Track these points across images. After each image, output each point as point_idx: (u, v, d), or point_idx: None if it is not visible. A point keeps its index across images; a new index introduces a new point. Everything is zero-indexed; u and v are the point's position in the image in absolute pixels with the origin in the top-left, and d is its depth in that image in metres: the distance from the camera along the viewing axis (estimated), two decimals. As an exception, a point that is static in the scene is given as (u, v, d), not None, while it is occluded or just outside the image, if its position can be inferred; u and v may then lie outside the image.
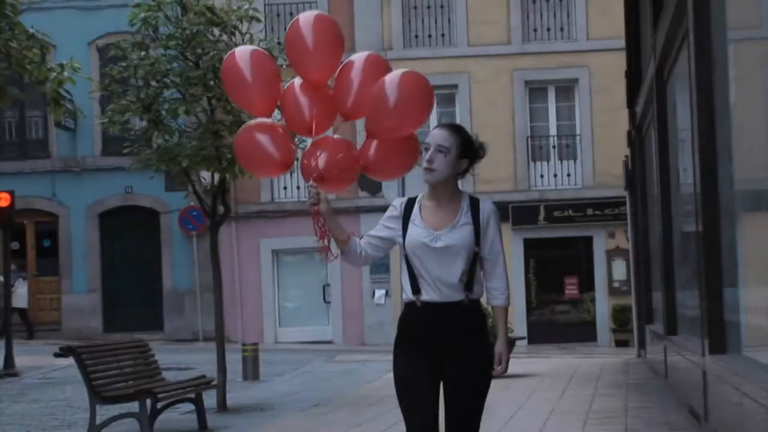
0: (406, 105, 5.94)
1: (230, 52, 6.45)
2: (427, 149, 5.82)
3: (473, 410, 5.85)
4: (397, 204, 6.00)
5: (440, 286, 5.77)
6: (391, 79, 5.98)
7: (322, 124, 6.12)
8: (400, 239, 5.89)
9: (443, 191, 5.88)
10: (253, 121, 6.32)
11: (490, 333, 5.93)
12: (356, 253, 5.97)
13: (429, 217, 5.86)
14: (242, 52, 6.34)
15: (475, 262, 5.83)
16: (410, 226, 5.86)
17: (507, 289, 5.97)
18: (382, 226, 5.99)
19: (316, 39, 6.11)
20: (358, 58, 6.22)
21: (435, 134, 5.86)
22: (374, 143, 6.13)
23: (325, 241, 5.87)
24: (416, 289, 5.81)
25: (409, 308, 5.86)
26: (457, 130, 5.93)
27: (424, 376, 5.78)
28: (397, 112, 5.94)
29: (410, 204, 5.95)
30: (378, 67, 6.20)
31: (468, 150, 5.87)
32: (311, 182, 5.88)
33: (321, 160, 5.99)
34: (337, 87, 6.18)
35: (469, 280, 5.81)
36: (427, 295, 5.78)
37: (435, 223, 5.83)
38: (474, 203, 5.91)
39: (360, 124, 6.17)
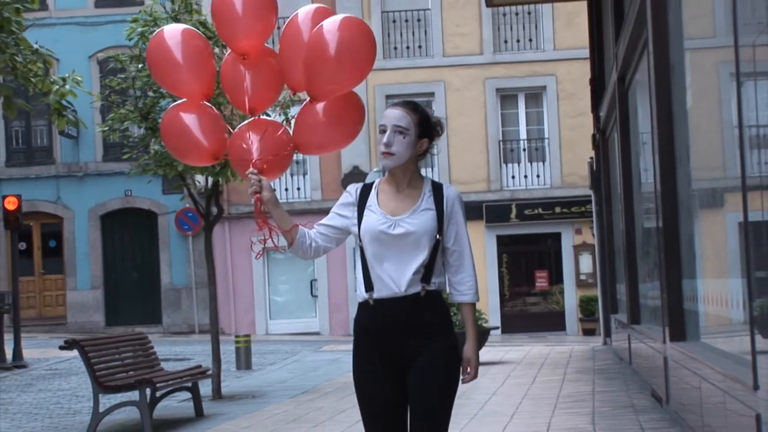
0: (347, 53, 4.92)
1: (157, 31, 5.39)
2: (383, 131, 4.91)
3: (438, 412, 4.91)
4: (352, 190, 5.06)
5: (395, 278, 4.88)
6: (329, 24, 4.95)
7: (265, 99, 5.23)
8: (355, 228, 4.98)
9: (403, 176, 4.99)
10: (180, 102, 5.36)
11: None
12: (305, 245, 5.02)
13: (387, 203, 4.97)
14: (171, 31, 5.31)
15: (436, 252, 4.93)
16: (366, 213, 4.96)
17: (475, 284, 5.02)
18: (335, 214, 5.07)
19: (245, 1, 5.13)
20: (304, 14, 5.20)
21: (390, 114, 4.93)
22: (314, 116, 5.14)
23: (266, 233, 4.97)
24: (369, 285, 4.93)
25: (362, 308, 5.01)
26: (413, 107, 4.99)
27: (386, 384, 4.94)
28: (337, 61, 4.91)
29: (366, 189, 5.04)
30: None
31: (427, 128, 5.00)
32: (251, 168, 4.97)
33: (255, 147, 5.08)
34: (283, 53, 5.19)
35: (427, 271, 4.90)
36: (380, 291, 4.90)
37: (393, 209, 4.94)
38: (437, 188, 5.02)
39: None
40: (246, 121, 5.21)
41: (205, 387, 14.70)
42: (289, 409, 13.19)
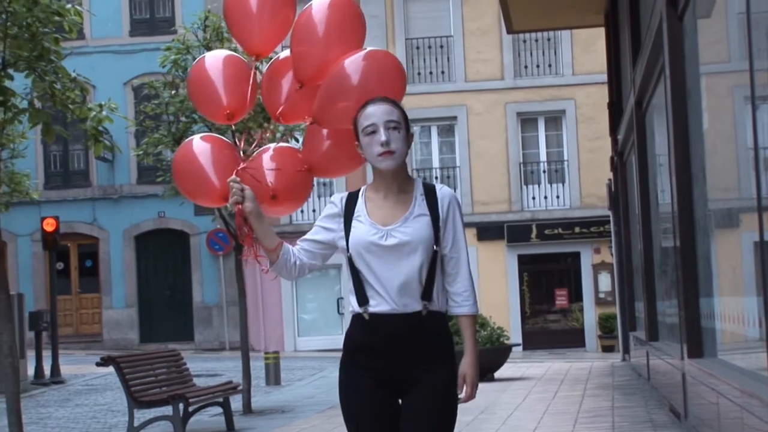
0: (373, 85, 4.49)
1: (199, 59, 5.01)
2: (374, 131, 4.28)
3: None
4: (337, 200, 4.44)
5: (392, 293, 4.25)
6: (354, 57, 4.57)
7: (296, 109, 4.78)
8: (342, 242, 4.36)
9: (393, 179, 4.36)
10: (197, 136, 4.93)
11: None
12: (288, 263, 4.40)
13: (376, 211, 4.33)
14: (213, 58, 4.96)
15: (434, 264, 4.30)
16: (354, 224, 4.33)
17: (473, 294, 4.39)
18: (320, 228, 4.43)
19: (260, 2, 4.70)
20: (319, 5, 4.68)
21: (378, 110, 4.31)
22: (323, 143, 4.74)
23: (252, 248, 4.45)
24: (363, 299, 4.30)
25: (356, 322, 4.38)
26: (393, 101, 4.41)
27: (377, 409, 4.37)
28: (358, 92, 4.47)
29: (352, 198, 4.41)
30: (346, 13, 4.67)
31: (408, 121, 4.43)
32: (233, 176, 4.41)
33: (270, 174, 4.68)
34: (294, 46, 4.69)
35: (427, 286, 4.28)
36: (377, 305, 4.27)
37: (384, 217, 4.31)
38: (429, 191, 4.37)
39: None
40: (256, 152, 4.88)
41: (236, 402, 14.69)
42: (316, 423, 13.16)
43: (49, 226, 21.62)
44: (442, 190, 4.38)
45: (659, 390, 13.12)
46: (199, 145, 4.82)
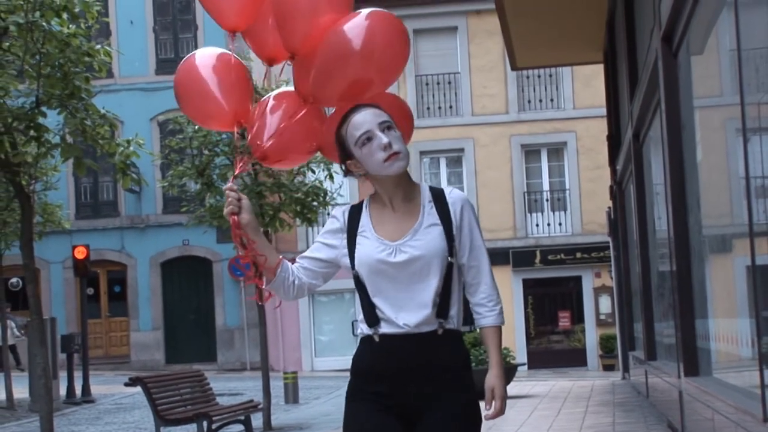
0: (380, 47, 3.78)
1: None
2: (369, 138, 3.63)
3: None
4: (339, 214, 3.81)
5: (404, 314, 3.63)
6: (353, 20, 3.79)
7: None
8: (346, 259, 3.73)
9: (398, 185, 3.73)
10: (199, 52, 4.06)
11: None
12: (287, 282, 3.77)
13: (382, 225, 3.72)
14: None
15: (450, 277, 3.68)
16: (359, 240, 3.71)
17: (498, 303, 3.82)
18: (321, 245, 3.80)
19: None
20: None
21: (366, 116, 3.67)
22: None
23: (252, 266, 3.81)
24: (373, 320, 3.68)
25: (365, 346, 3.72)
26: (375, 104, 3.76)
27: None
28: (362, 57, 3.75)
29: (356, 212, 3.78)
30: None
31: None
32: (230, 184, 3.74)
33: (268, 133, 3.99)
34: (277, 11, 3.87)
35: (443, 302, 3.66)
36: (388, 326, 3.64)
37: (391, 231, 3.69)
38: (438, 196, 3.75)
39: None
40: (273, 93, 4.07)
41: (257, 420, 14.67)
42: (333, 440, 13.12)
43: (80, 253, 21.67)
44: (452, 194, 3.77)
45: (657, 407, 13.06)
46: (201, 60, 4.03)
